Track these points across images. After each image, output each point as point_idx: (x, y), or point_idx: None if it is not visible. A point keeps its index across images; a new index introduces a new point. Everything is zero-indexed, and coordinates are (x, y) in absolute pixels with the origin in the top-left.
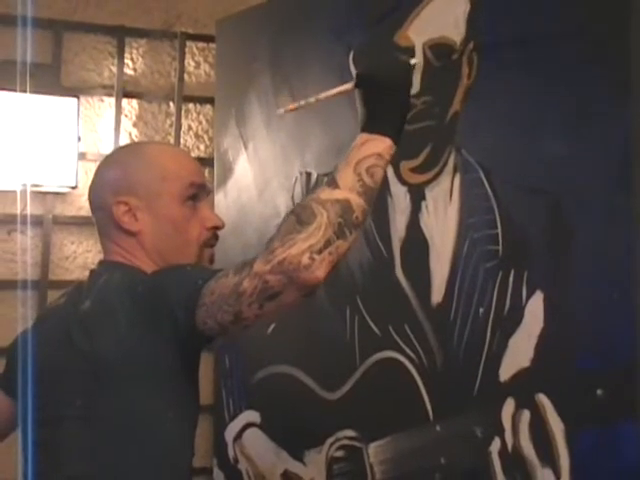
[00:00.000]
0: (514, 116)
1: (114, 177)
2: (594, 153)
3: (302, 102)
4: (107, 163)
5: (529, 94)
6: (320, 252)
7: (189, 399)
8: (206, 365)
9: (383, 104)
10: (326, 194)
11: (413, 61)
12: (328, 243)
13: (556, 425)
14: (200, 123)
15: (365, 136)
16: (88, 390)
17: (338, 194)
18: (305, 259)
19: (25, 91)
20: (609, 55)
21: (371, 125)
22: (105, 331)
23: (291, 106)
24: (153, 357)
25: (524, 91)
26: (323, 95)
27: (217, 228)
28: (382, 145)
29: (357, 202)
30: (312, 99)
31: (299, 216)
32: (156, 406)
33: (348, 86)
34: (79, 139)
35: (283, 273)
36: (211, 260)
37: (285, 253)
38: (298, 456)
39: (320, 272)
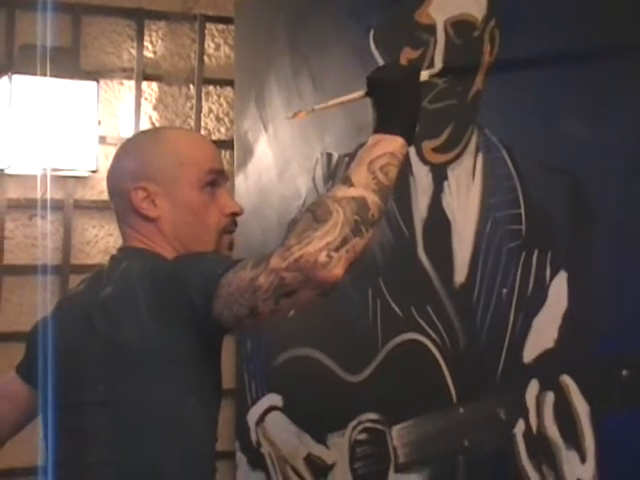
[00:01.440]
0: (537, 95)
1: (133, 163)
2: (617, 134)
3: (312, 108)
4: (125, 149)
5: (552, 71)
6: (337, 250)
7: (211, 384)
8: (228, 348)
9: (394, 107)
10: (342, 192)
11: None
12: (345, 241)
13: (581, 407)
14: (220, 105)
15: (378, 136)
16: (110, 376)
17: (353, 192)
18: (322, 257)
19: (45, 75)
20: (630, 38)
21: (383, 126)
22: (127, 317)
23: (301, 113)
24: (174, 342)
25: (547, 68)
26: (332, 102)
27: (236, 214)
28: (394, 144)
29: (373, 199)
30: (322, 106)
31: (315, 213)
32: (178, 391)
33: (358, 94)
34: (99, 123)
35: (300, 270)
36: (230, 246)
37: (302, 250)
38: (321, 439)
39: (337, 270)
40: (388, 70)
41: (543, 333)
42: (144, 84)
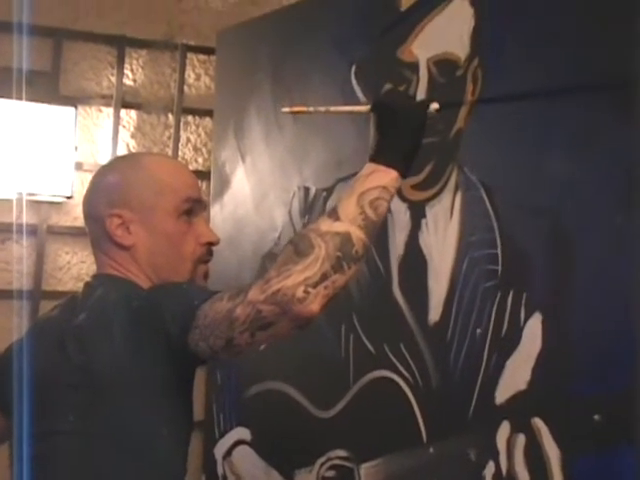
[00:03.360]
0: (517, 135)
1: (108, 189)
2: (596, 174)
3: (311, 108)
4: (102, 174)
5: (533, 113)
6: (315, 286)
7: (183, 416)
8: (198, 380)
9: (395, 133)
10: (326, 225)
11: (434, 106)
12: (324, 277)
13: (552, 450)
14: (199, 136)
15: (372, 166)
16: (81, 405)
17: (338, 226)
18: (300, 292)
19: (23, 99)
20: (613, 76)
21: (380, 155)
22: (100, 345)
23: (297, 108)
24: (147, 373)
25: (528, 110)
26: (334, 109)
27: (212, 244)
28: (388, 177)
29: (358, 235)
30: (322, 109)
31: (297, 246)
32: (150, 422)
33: (364, 108)
34: (76, 149)
35: (277, 304)
36: (205, 276)
37: (280, 284)
38: (288, 475)
39: (314, 306)
40: (400, 97)
41: (516, 374)
42: (123, 111)
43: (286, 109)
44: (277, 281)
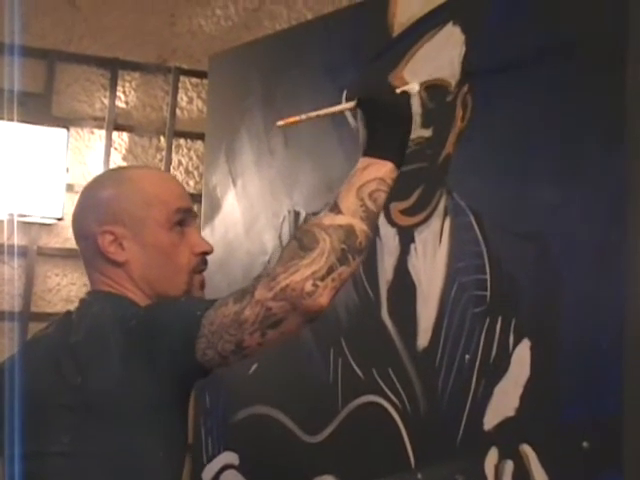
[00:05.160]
0: (507, 160)
1: (98, 205)
2: (585, 201)
3: (303, 116)
4: (90, 190)
5: (522, 138)
6: (323, 279)
7: (179, 438)
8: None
9: (384, 125)
10: (329, 219)
11: (414, 87)
12: (331, 269)
13: (540, 477)
14: (190, 159)
15: (367, 160)
16: (76, 425)
17: (341, 219)
18: (308, 286)
19: (15, 120)
20: (602, 103)
21: (373, 148)
22: (97, 365)
23: (291, 119)
24: (145, 394)
25: (517, 135)
26: (324, 112)
27: (206, 253)
28: (384, 169)
29: (360, 227)
30: (313, 114)
31: (301, 241)
32: (146, 444)
33: (350, 105)
34: (67, 170)
35: (286, 300)
36: (201, 286)
37: (288, 279)
38: None
39: (323, 299)
40: (384, 90)
41: (504, 401)
42: (115, 134)
43: (280, 122)
44: (284, 277)
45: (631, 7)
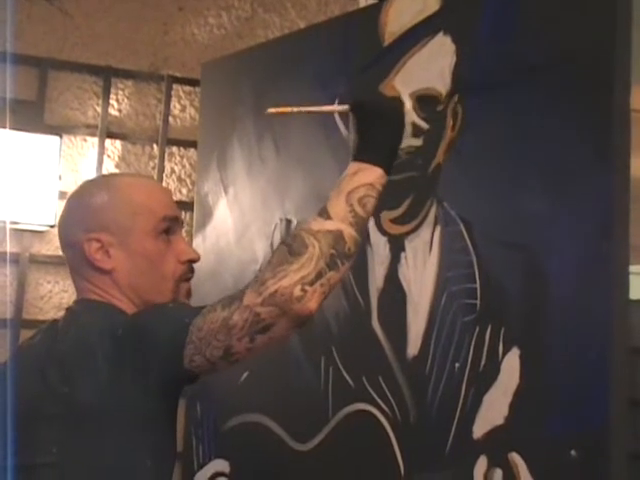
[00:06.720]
0: (497, 170)
1: (84, 213)
2: (575, 211)
3: (295, 108)
4: (76, 198)
5: (512, 149)
6: (312, 284)
7: (167, 446)
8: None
9: (376, 131)
10: (318, 225)
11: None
12: (320, 275)
13: None
14: (183, 167)
15: (356, 165)
16: (63, 436)
17: (330, 225)
18: (297, 291)
19: (7, 127)
20: (589, 117)
21: (363, 153)
22: (84, 375)
23: (282, 108)
24: (133, 402)
25: (507, 146)
26: (316, 109)
27: (193, 261)
28: (373, 175)
29: (349, 233)
30: (305, 109)
31: (290, 247)
32: (135, 454)
33: (342, 107)
34: (60, 178)
35: (275, 305)
36: (188, 294)
37: (277, 285)
38: None
39: (312, 304)
40: (376, 95)
41: (493, 409)
42: (107, 141)
43: (272, 110)
44: (273, 282)
45: (619, 23)
